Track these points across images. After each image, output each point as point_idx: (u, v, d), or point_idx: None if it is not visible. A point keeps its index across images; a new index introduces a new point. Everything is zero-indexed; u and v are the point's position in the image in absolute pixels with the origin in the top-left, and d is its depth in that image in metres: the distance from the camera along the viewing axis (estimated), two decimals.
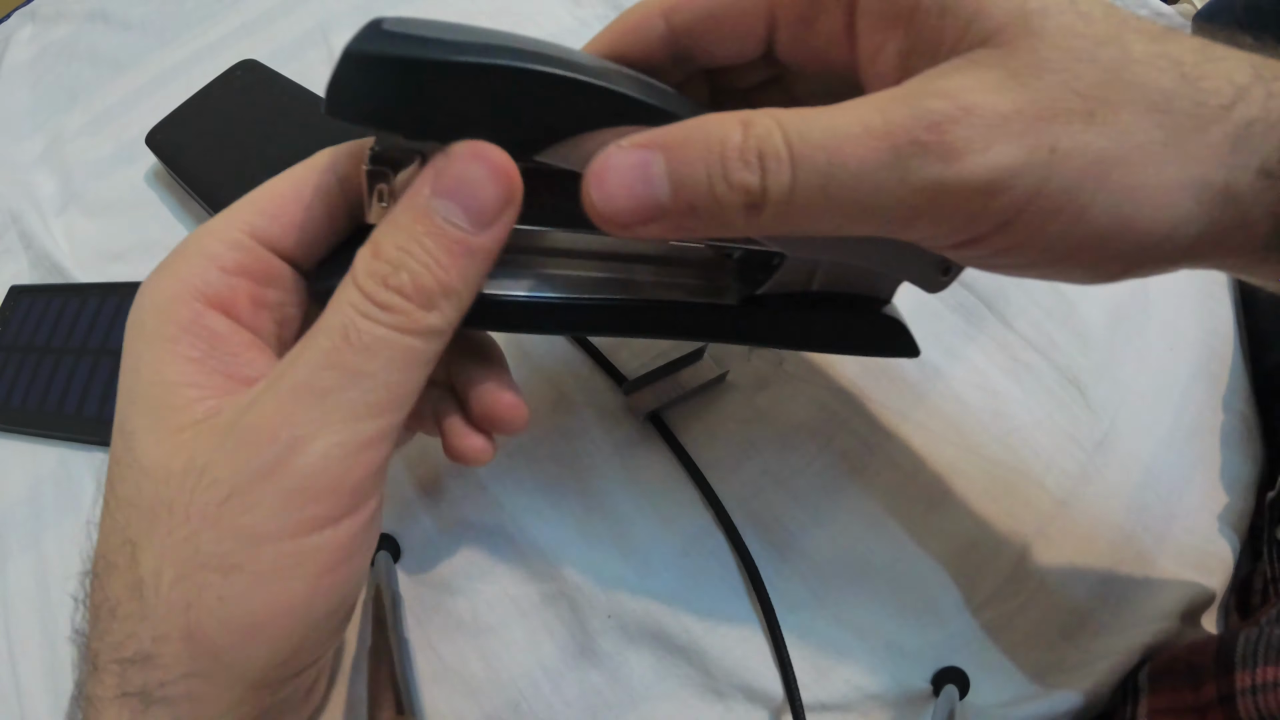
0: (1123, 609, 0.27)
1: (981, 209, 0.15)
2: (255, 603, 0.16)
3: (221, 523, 0.16)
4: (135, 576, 0.16)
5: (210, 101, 0.40)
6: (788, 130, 0.15)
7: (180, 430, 0.16)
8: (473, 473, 0.29)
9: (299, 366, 0.16)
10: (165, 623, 0.16)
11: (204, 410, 0.17)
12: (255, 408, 0.16)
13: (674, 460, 0.29)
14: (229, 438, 0.16)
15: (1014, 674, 0.26)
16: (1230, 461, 0.31)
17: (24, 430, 0.33)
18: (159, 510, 0.16)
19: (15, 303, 0.37)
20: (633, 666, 0.25)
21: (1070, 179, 0.15)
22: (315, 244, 0.19)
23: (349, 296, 0.16)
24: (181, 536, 0.16)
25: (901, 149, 0.15)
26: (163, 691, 0.16)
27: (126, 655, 0.16)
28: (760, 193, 0.15)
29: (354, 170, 0.18)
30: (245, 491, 0.16)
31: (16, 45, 0.53)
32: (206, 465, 0.16)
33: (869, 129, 0.15)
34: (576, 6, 0.48)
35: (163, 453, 0.16)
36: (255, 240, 0.18)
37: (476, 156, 0.16)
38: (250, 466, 0.16)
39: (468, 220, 0.16)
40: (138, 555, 0.16)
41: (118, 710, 0.16)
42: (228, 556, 0.16)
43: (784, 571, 0.27)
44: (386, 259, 0.16)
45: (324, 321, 0.16)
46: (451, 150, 0.16)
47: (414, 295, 0.16)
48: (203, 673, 0.16)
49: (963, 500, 0.28)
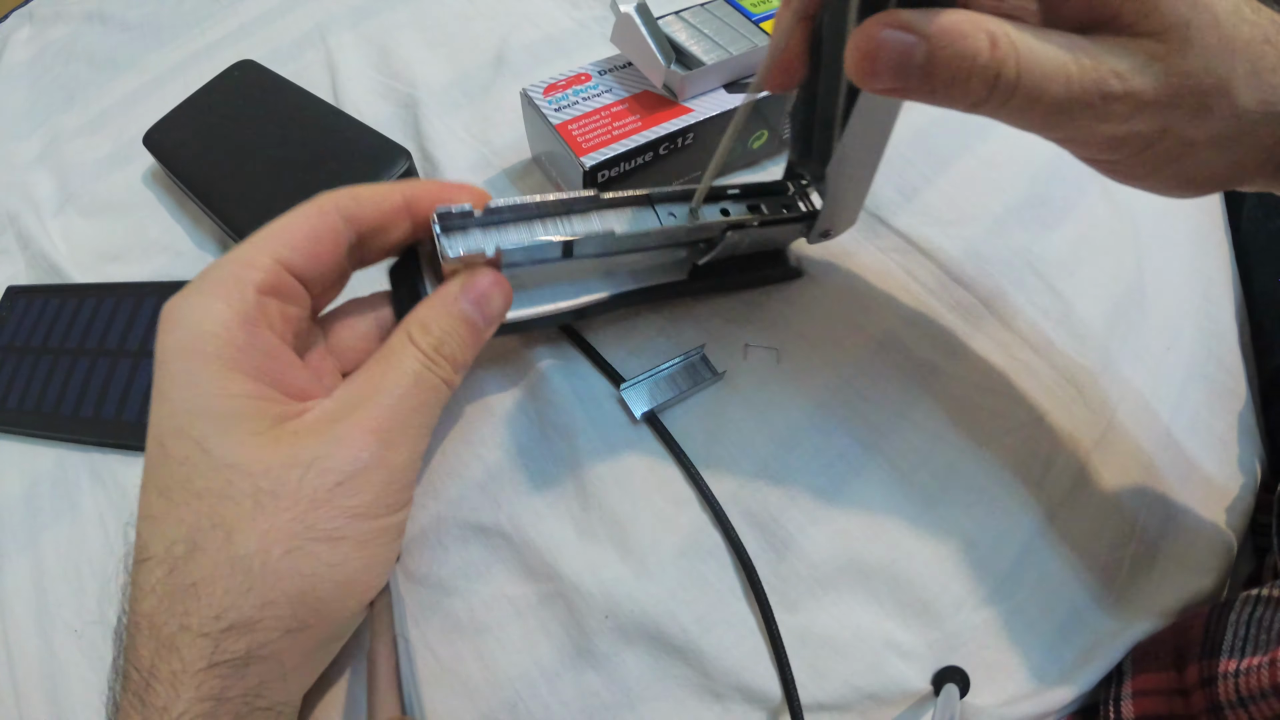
0: (1121, 608, 0.27)
1: (1123, 139, 0.20)
2: (357, 565, 0.21)
3: (332, 503, 0.20)
4: (232, 554, 0.19)
5: (208, 102, 0.40)
6: (1021, 58, 0.18)
7: (258, 434, 0.20)
8: (470, 473, 0.29)
9: (385, 393, 0.22)
10: (274, 589, 0.20)
11: (272, 417, 0.21)
12: (356, 417, 0.21)
13: (671, 460, 0.29)
14: (335, 439, 0.21)
15: (1013, 673, 0.26)
16: (1229, 461, 0.31)
17: (21, 431, 0.33)
18: (261, 498, 0.20)
19: (12, 303, 0.37)
20: (630, 667, 0.25)
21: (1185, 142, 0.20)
22: (325, 269, 0.24)
23: (415, 354, 0.23)
24: (291, 516, 0.20)
25: (1082, 100, 0.19)
26: (263, 651, 0.20)
27: (224, 625, 0.19)
28: (987, 98, 0.19)
29: (356, 209, 0.24)
30: (353, 478, 0.21)
31: (14, 46, 0.53)
32: (315, 459, 0.20)
33: (1069, 77, 0.19)
34: (574, 8, 0.48)
35: (251, 451, 0.20)
36: (281, 266, 0.22)
37: (500, 289, 0.24)
38: (359, 461, 0.21)
39: (482, 320, 0.24)
40: (233, 537, 0.19)
41: (203, 679, 0.19)
42: (337, 530, 0.20)
43: (781, 571, 0.27)
44: (435, 334, 0.23)
45: (398, 364, 0.22)
46: (489, 274, 0.24)
47: (451, 361, 0.23)
48: (302, 628, 0.20)
49: (961, 499, 0.28)
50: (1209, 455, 0.31)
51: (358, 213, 0.24)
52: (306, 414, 0.22)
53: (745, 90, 0.34)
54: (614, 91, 0.34)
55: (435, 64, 0.44)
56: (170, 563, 0.20)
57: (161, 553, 0.20)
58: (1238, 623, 0.23)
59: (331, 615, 0.21)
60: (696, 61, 0.33)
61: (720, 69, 0.33)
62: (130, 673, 0.20)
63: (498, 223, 0.25)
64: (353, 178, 0.34)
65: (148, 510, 0.21)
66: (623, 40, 0.34)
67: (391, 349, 0.23)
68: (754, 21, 0.34)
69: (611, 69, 0.35)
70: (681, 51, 0.33)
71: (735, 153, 0.37)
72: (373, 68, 0.45)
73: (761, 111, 0.35)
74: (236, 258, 0.22)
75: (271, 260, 0.22)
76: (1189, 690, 0.23)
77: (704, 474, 0.28)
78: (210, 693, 0.19)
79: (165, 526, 0.20)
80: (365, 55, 0.46)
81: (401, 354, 0.23)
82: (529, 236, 0.25)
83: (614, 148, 0.32)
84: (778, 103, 0.35)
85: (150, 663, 0.20)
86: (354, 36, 0.47)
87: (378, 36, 0.47)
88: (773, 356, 0.31)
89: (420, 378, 0.22)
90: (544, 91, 0.34)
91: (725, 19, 0.35)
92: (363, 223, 0.24)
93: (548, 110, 0.33)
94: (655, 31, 0.33)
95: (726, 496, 0.28)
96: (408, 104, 0.42)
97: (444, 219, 0.24)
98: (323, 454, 0.20)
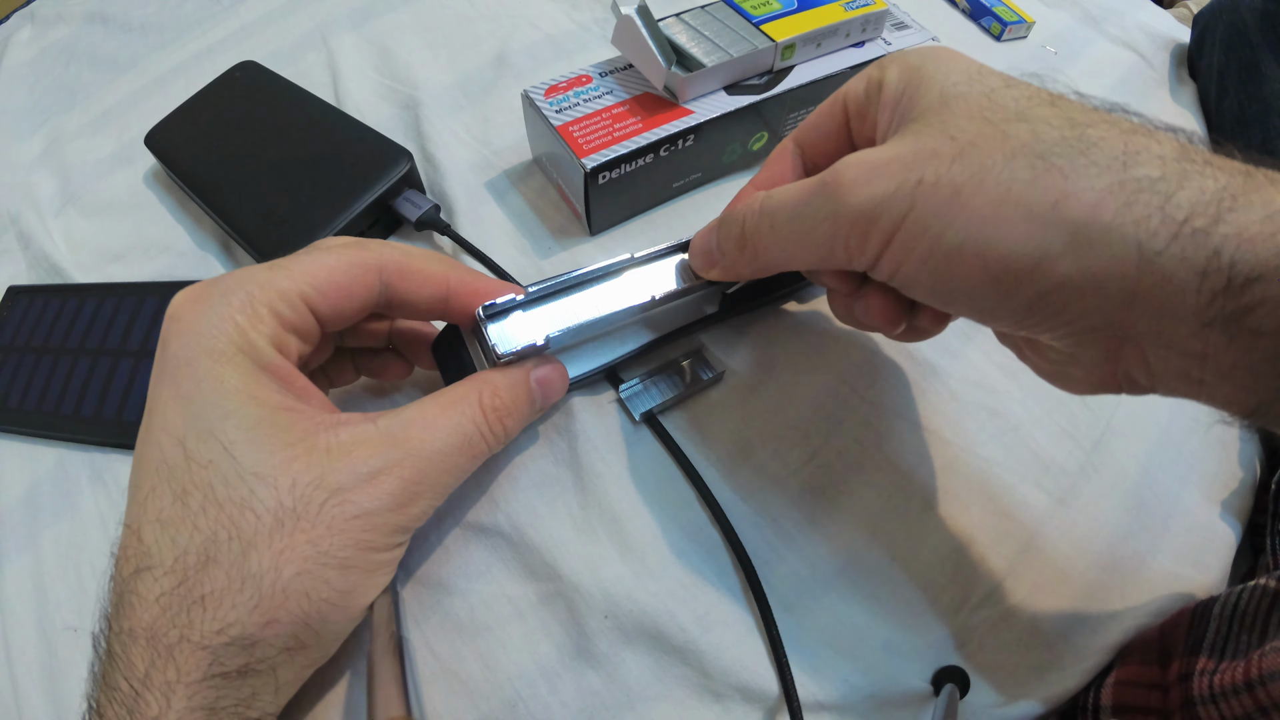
0: (1120, 607, 0.27)
1: (865, 233, 0.20)
2: (359, 592, 0.21)
3: (347, 534, 0.20)
4: (245, 570, 0.19)
5: (209, 102, 0.40)
6: (761, 199, 0.23)
7: (290, 445, 0.20)
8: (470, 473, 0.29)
9: (430, 446, 0.22)
10: (281, 609, 0.20)
11: (301, 430, 0.21)
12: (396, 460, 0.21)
13: (670, 461, 0.29)
14: (368, 477, 0.21)
15: (1012, 672, 0.26)
16: (1229, 460, 0.31)
17: (22, 430, 0.33)
18: (283, 515, 0.20)
19: (13, 303, 0.37)
20: (630, 667, 0.25)
21: (932, 205, 0.18)
22: (344, 320, 0.24)
23: (478, 414, 0.23)
24: (307, 539, 0.20)
25: (815, 192, 0.21)
26: (260, 665, 0.20)
27: (226, 640, 0.19)
28: (741, 238, 0.24)
29: (399, 281, 0.24)
30: (372, 516, 0.21)
31: (16, 46, 0.53)
32: (341, 488, 0.20)
33: (801, 185, 0.21)
34: (575, 10, 0.48)
35: (280, 464, 0.20)
36: (306, 306, 0.22)
37: (561, 376, 0.26)
38: (382, 503, 0.21)
39: (541, 401, 0.26)
40: (249, 553, 0.19)
41: (196, 690, 0.19)
42: (347, 560, 0.21)
43: (781, 571, 0.27)
44: (504, 401, 0.24)
45: (458, 418, 0.23)
46: (552, 361, 0.26)
47: (505, 431, 0.24)
48: (299, 647, 0.21)
49: (960, 499, 0.28)
50: (1209, 454, 0.31)
51: (400, 285, 0.24)
52: (341, 429, 0.21)
53: (745, 92, 0.34)
54: (615, 93, 0.34)
55: (436, 65, 0.44)
56: (181, 574, 0.19)
57: (171, 562, 0.19)
58: (1220, 616, 0.23)
59: (328, 636, 0.21)
60: (697, 63, 0.33)
61: (720, 71, 0.33)
62: (119, 684, 0.19)
63: (538, 301, 0.26)
64: (354, 178, 0.35)
65: (158, 514, 0.20)
66: (623, 42, 0.34)
67: (457, 399, 0.23)
68: (754, 24, 0.34)
69: (612, 71, 0.35)
70: (682, 53, 0.33)
71: (735, 154, 0.37)
72: (374, 69, 0.45)
73: (761, 113, 0.35)
74: (268, 281, 0.22)
75: (299, 296, 0.22)
76: (1169, 686, 0.23)
77: (703, 474, 0.28)
78: (203, 703, 0.19)
79: (179, 533, 0.20)
80: (366, 56, 0.46)
81: (466, 407, 0.23)
82: (571, 315, 0.26)
83: (615, 149, 0.32)
84: (777, 104, 0.35)
85: (145, 673, 0.19)
86: (355, 38, 0.47)
87: (379, 38, 0.47)
88: (770, 359, 0.31)
89: (471, 441, 0.23)
90: (545, 93, 0.34)
91: (725, 21, 0.35)
92: (399, 294, 0.24)
93: (549, 112, 0.33)
94: (656, 33, 0.33)
95: (725, 496, 0.28)
96: (409, 105, 0.42)
97: (488, 310, 0.25)
98: (350, 486, 0.20)
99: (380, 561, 0.22)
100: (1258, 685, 0.19)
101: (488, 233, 0.36)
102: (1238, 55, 0.42)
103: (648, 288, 0.27)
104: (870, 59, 0.36)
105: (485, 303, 0.25)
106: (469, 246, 0.35)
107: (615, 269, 0.27)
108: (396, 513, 0.21)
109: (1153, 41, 0.48)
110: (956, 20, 0.48)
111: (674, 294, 0.27)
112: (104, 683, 0.20)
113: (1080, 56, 0.46)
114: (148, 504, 0.20)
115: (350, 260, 0.23)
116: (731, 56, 0.33)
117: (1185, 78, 0.46)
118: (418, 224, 0.35)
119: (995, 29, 0.47)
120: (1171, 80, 0.46)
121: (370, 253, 0.23)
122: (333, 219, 0.33)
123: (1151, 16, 0.50)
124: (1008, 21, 0.46)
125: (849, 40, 0.36)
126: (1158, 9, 0.52)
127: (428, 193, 0.38)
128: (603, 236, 0.36)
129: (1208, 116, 0.44)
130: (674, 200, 0.37)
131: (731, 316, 0.32)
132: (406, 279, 0.24)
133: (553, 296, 0.27)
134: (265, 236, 0.34)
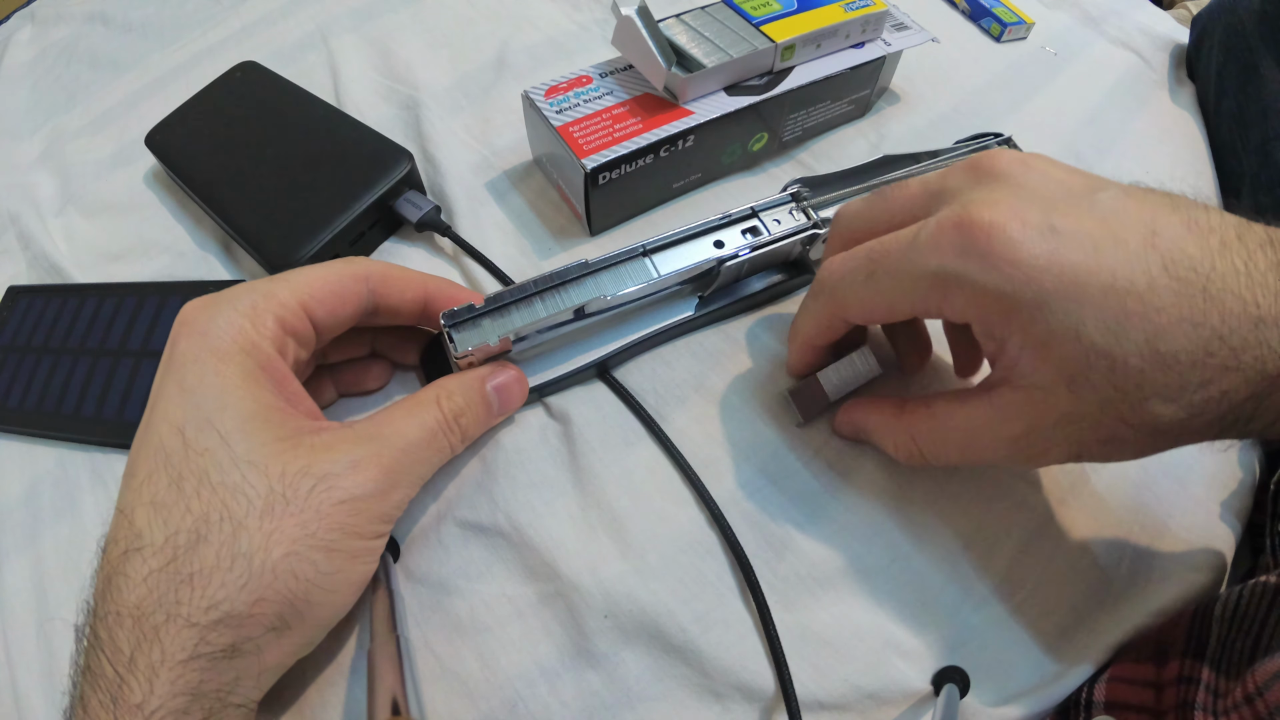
0: (1120, 606, 0.27)
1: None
2: (343, 576, 0.22)
3: (333, 518, 0.22)
4: (235, 549, 0.20)
5: (210, 103, 0.40)
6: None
7: (280, 440, 0.22)
8: (470, 473, 0.29)
9: (402, 437, 0.24)
10: (269, 588, 0.20)
11: (292, 428, 0.22)
12: (373, 449, 0.23)
13: (669, 461, 0.29)
14: (351, 464, 0.22)
15: (1012, 672, 0.26)
16: (1229, 460, 0.31)
17: (22, 430, 0.33)
18: (273, 500, 0.21)
19: (13, 303, 0.37)
20: (629, 667, 0.25)
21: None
22: (338, 324, 0.26)
23: (438, 415, 0.25)
24: (295, 522, 0.21)
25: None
26: (246, 646, 0.21)
27: (215, 618, 0.20)
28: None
29: (383, 288, 0.27)
30: (357, 501, 0.22)
31: (16, 46, 0.53)
32: (327, 475, 0.22)
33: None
34: (575, 11, 0.48)
35: (272, 455, 0.21)
36: (305, 312, 0.25)
37: (519, 382, 0.29)
38: (365, 488, 0.22)
39: (498, 406, 0.28)
40: (239, 533, 0.20)
41: (181, 671, 0.19)
42: (334, 543, 0.22)
43: (780, 571, 0.27)
44: (459, 404, 0.26)
45: (421, 416, 0.25)
46: (510, 370, 0.28)
47: (463, 431, 0.26)
48: (284, 628, 0.21)
49: (960, 498, 0.28)
50: (1208, 454, 0.31)
51: (384, 291, 0.27)
52: (324, 433, 0.23)
53: (745, 93, 0.34)
54: (615, 94, 0.34)
55: (436, 66, 0.45)
56: (171, 552, 0.20)
57: (161, 542, 0.20)
58: (1221, 619, 0.23)
59: (312, 620, 0.22)
60: (697, 64, 0.33)
61: (721, 72, 0.33)
62: (104, 669, 0.20)
63: (500, 308, 0.27)
64: (354, 179, 0.35)
65: (152, 497, 0.21)
66: (624, 43, 0.34)
67: (419, 402, 0.25)
68: (754, 25, 0.35)
69: (612, 71, 0.35)
70: (682, 54, 0.33)
71: (735, 154, 0.37)
72: (374, 69, 0.45)
73: (761, 114, 0.35)
74: (270, 291, 0.24)
75: (298, 304, 0.24)
76: (1164, 685, 0.23)
77: (702, 474, 0.28)
78: (187, 686, 0.19)
79: (172, 515, 0.21)
80: (367, 57, 0.46)
81: (427, 409, 0.25)
82: (530, 316, 0.27)
83: (615, 150, 0.32)
84: (777, 105, 0.35)
85: (130, 655, 0.19)
86: (355, 38, 0.47)
87: (379, 38, 0.47)
88: (768, 359, 0.31)
89: (435, 436, 0.25)
90: (545, 94, 0.34)
91: (726, 22, 0.35)
92: (384, 299, 0.27)
93: (549, 112, 0.33)
94: (656, 34, 0.33)
95: (725, 496, 0.28)
96: (409, 105, 0.42)
97: (451, 318, 0.27)
98: (335, 473, 0.22)
99: (363, 548, 0.23)
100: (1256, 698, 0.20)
101: (488, 233, 0.36)
102: (1236, 56, 0.42)
103: (608, 290, 0.28)
104: (870, 59, 0.36)
105: (446, 311, 0.27)
106: (469, 248, 0.35)
107: (576, 273, 0.28)
108: (379, 499, 0.23)
109: (1152, 42, 0.48)
110: (956, 21, 0.48)
111: (631, 297, 0.29)
112: (87, 670, 0.20)
113: (1080, 57, 0.46)
114: (143, 488, 0.21)
115: (341, 272, 0.26)
116: (731, 57, 0.33)
117: (1184, 79, 0.46)
118: (419, 225, 0.35)
119: (995, 30, 0.47)
120: (1170, 81, 0.46)
121: (358, 265, 0.27)
122: (333, 219, 0.33)
123: (1151, 17, 0.50)
124: (1007, 23, 0.46)
125: (849, 41, 0.36)
126: (1157, 10, 0.52)
127: (428, 193, 0.38)
128: (603, 237, 0.36)
129: (1206, 117, 0.44)
130: (674, 200, 0.37)
131: (709, 320, 0.32)
132: (390, 285, 0.27)
133: (517, 304, 0.28)
134: (265, 237, 0.34)
